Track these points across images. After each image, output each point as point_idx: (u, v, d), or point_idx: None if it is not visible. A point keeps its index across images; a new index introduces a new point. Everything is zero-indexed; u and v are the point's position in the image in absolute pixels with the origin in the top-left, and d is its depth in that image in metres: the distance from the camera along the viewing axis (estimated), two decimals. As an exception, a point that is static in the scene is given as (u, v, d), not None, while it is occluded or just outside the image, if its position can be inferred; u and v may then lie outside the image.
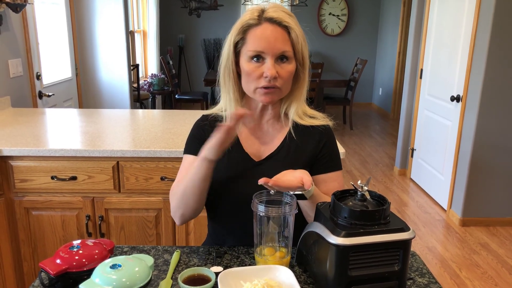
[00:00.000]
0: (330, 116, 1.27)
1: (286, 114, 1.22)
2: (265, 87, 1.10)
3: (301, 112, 1.22)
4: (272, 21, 1.09)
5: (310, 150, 1.21)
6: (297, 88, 1.18)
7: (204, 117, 1.26)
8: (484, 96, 3.08)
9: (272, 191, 1.03)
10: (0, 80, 2.64)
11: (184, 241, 2.03)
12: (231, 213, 1.20)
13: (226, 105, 1.20)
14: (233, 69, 1.15)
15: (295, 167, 1.17)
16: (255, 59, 1.10)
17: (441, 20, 3.70)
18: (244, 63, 1.11)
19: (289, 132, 1.21)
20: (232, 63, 1.14)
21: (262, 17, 1.10)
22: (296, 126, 1.21)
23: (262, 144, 1.22)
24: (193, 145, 1.23)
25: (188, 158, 1.24)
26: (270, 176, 1.09)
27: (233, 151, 1.20)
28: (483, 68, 3.04)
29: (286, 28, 1.09)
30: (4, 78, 2.68)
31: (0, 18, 2.58)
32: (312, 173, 1.22)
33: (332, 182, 1.21)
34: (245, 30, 1.11)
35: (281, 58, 1.10)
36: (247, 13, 1.13)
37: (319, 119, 1.24)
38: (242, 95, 1.19)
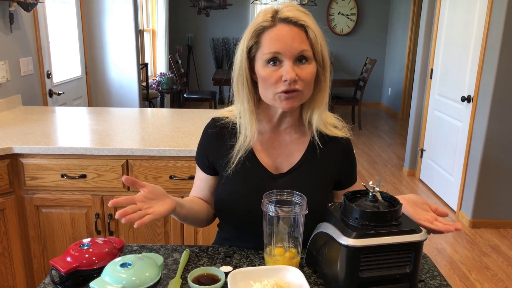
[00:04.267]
0: (339, 116, 1.22)
1: (307, 122, 1.14)
2: (285, 92, 1.01)
3: (325, 120, 1.13)
4: (288, 21, 1.01)
5: (334, 167, 1.16)
6: (318, 92, 1.08)
7: (212, 123, 1.19)
8: (496, 97, 3.05)
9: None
10: (11, 78, 2.66)
11: (193, 240, 2.03)
12: (243, 228, 1.15)
13: (239, 113, 1.12)
14: (247, 77, 1.06)
15: (319, 183, 1.14)
16: (271, 62, 1.02)
17: (452, 19, 3.66)
18: (260, 69, 1.03)
19: (311, 143, 1.14)
20: (246, 70, 1.06)
21: (276, 18, 1.02)
22: (320, 136, 1.13)
23: (279, 155, 1.15)
24: (200, 157, 1.21)
25: (197, 169, 1.23)
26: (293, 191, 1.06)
27: (248, 164, 1.13)
28: (494, 68, 3.01)
29: (303, 27, 1.01)
30: (15, 77, 2.70)
31: (12, 17, 2.60)
32: (335, 188, 1.20)
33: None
34: (258, 34, 1.03)
35: (300, 59, 1.02)
36: (259, 15, 1.05)
37: (340, 129, 1.17)
38: (257, 105, 1.12)
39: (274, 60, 1.02)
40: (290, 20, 1.01)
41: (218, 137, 1.16)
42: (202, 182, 1.22)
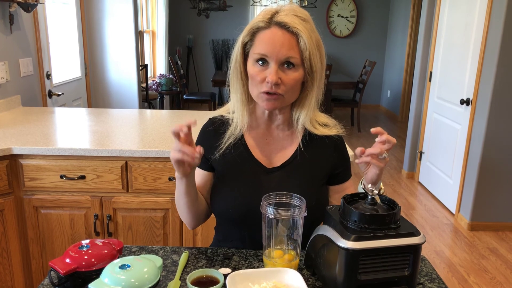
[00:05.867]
0: (338, 119, 1.25)
1: (298, 121, 1.18)
2: (267, 93, 1.06)
3: (313, 120, 1.18)
4: (281, 25, 1.04)
5: (327, 162, 1.19)
6: (304, 97, 1.13)
7: (210, 122, 1.23)
8: (495, 100, 3.06)
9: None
10: (11, 79, 2.67)
11: (191, 242, 2.04)
12: (240, 223, 1.17)
13: (234, 107, 1.17)
14: (241, 70, 1.12)
15: (313, 177, 1.18)
16: (260, 62, 1.06)
17: (452, 22, 3.67)
18: (250, 66, 1.09)
19: (303, 139, 1.18)
20: (240, 64, 1.12)
21: (272, 20, 1.05)
22: (309, 134, 1.18)
23: (272, 150, 1.19)
24: None
25: (196, 168, 1.24)
26: (286, 184, 1.11)
27: (242, 158, 1.17)
28: (493, 71, 3.02)
29: (295, 34, 1.04)
30: (15, 77, 2.70)
31: (12, 18, 2.60)
32: (329, 183, 1.23)
33: (348, 189, 1.22)
34: (254, 32, 1.08)
35: (287, 64, 1.05)
36: (260, 15, 1.09)
37: (331, 127, 1.21)
38: (250, 97, 1.16)
39: (263, 60, 1.07)
40: (283, 25, 1.04)
41: (215, 133, 1.20)
42: (199, 178, 1.23)
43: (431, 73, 4.05)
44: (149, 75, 6.16)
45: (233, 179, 1.17)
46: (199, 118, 2.56)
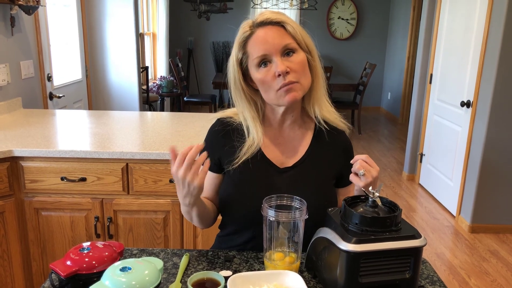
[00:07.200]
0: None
1: (309, 116, 1.20)
2: (283, 86, 1.07)
3: (325, 110, 1.19)
4: (263, 24, 1.10)
5: (336, 163, 1.21)
6: (314, 80, 1.14)
7: (219, 122, 1.23)
8: (495, 102, 3.06)
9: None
10: (12, 81, 2.67)
11: (192, 244, 2.03)
12: (251, 224, 1.15)
13: (245, 121, 1.18)
14: (244, 88, 1.14)
15: (324, 176, 1.19)
16: (262, 65, 1.09)
17: (452, 25, 3.68)
18: (255, 74, 1.10)
19: (314, 138, 1.20)
20: (240, 81, 1.13)
21: (254, 25, 1.11)
22: (320, 130, 1.19)
23: (284, 150, 1.20)
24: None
25: None
26: (299, 184, 1.13)
27: (254, 160, 1.17)
28: (494, 73, 3.02)
29: (280, 24, 1.09)
30: (16, 79, 2.71)
31: (13, 20, 2.60)
32: (337, 186, 1.24)
33: (351, 193, 1.23)
34: (243, 44, 1.12)
35: (287, 53, 1.08)
36: (239, 30, 1.14)
37: (338, 122, 1.23)
38: (258, 112, 1.18)
39: (265, 62, 1.09)
40: (265, 22, 1.10)
41: (225, 134, 1.20)
42: (208, 181, 1.23)
43: (431, 75, 4.05)
44: (149, 77, 6.16)
45: (245, 180, 1.17)
46: (200, 120, 2.57)
